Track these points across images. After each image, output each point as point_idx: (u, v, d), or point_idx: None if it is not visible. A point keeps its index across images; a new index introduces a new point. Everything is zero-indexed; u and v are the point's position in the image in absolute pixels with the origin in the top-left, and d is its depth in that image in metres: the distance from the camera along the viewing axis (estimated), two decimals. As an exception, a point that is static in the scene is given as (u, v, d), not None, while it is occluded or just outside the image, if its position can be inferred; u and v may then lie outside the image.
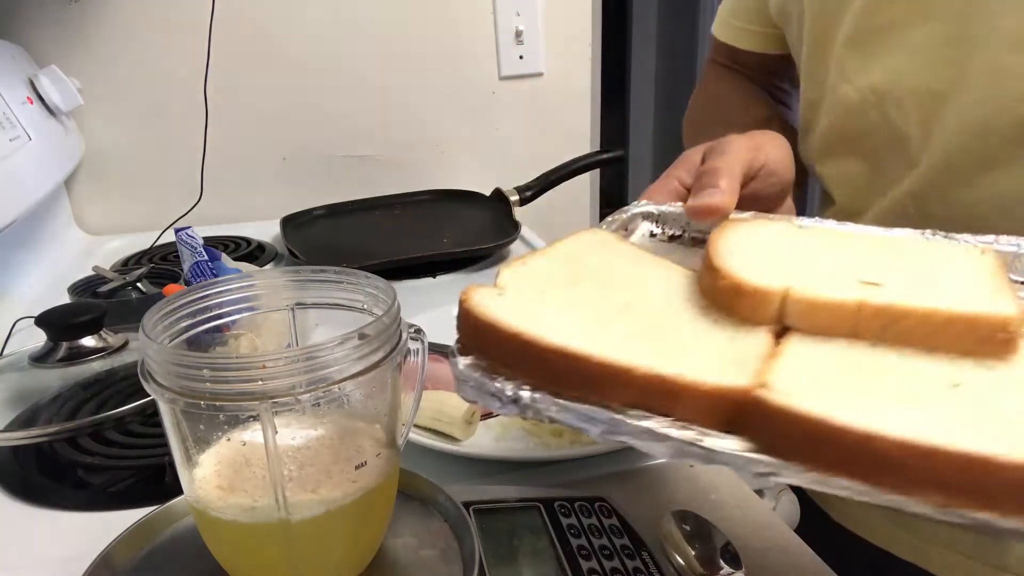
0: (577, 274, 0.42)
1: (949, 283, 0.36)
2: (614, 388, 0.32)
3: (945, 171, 0.53)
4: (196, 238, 0.81)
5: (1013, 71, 0.48)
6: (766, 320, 0.35)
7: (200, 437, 0.37)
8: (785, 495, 0.60)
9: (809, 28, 0.62)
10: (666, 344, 0.35)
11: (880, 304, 0.33)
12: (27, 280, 0.97)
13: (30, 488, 0.55)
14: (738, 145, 0.49)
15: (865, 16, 0.56)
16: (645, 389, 0.31)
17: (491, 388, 0.34)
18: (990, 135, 0.50)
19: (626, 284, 0.41)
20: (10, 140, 0.91)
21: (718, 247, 0.39)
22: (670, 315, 0.38)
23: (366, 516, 0.39)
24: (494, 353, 0.35)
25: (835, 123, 0.62)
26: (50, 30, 1.14)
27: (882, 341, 0.33)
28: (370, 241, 1.09)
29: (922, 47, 0.53)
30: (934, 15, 0.52)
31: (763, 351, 0.33)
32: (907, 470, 0.26)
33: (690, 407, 0.31)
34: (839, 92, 0.59)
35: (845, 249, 0.41)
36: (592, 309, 0.38)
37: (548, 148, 1.33)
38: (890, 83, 0.55)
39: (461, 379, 0.35)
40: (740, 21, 0.73)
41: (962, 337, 0.32)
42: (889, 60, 0.55)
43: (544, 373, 0.33)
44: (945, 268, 0.38)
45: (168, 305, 0.38)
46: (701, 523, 0.46)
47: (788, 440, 0.28)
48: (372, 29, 1.25)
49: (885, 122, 0.56)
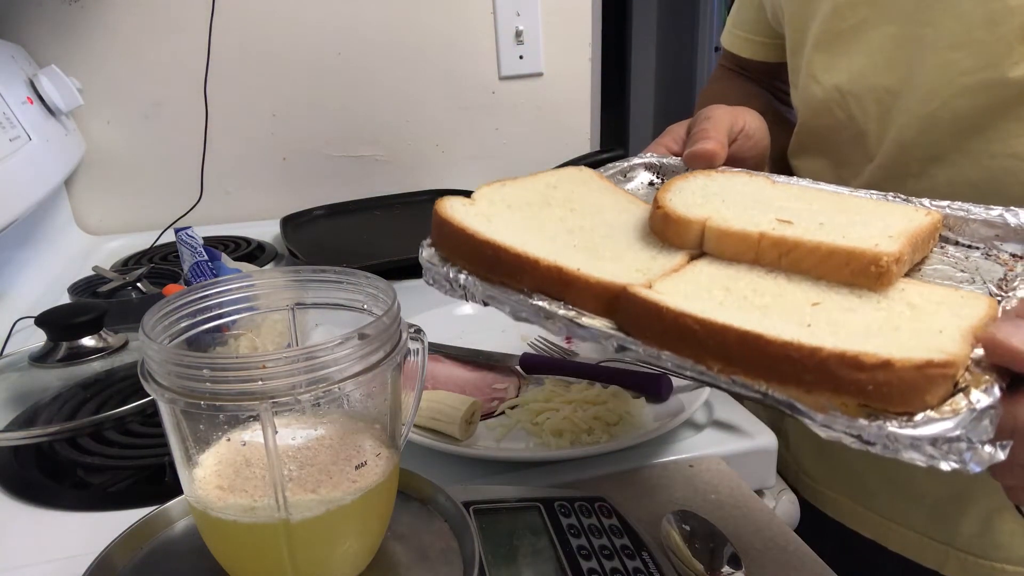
0: (548, 198, 0.48)
1: (854, 228, 0.40)
2: (523, 275, 0.39)
3: (898, 163, 0.57)
4: (196, 238, 0.81)
5: (955, 67, 0.52)
6: (688, 245, 0.42)
7: (200, 437, 0.37)
8: (785, 495, 0.60)
9: (788, 34, 0.67)
10: (596, 254, 0.41)
11: (777, 236, 0.39)
12: (27, 280, 0.97)
13: (30, 488, 0.55)
14: (721, 111, 0.55)
15: (831, 20, 0.60)
16: (546, 277, 0.39)
17: (442, 272, 0.42)
18: (935, 128, 0.54)
19: (588, 210, 0.47)
20: (10, 140, 0.91)
21: (669, 187, 0.46)
22: (613, 235, 0.44)
23: (366, 516, 0.39)
24: (449, 247, 0.43)
25: (805, 121, 0.66)
26: (50, 30, 1.14)
27: (779, 268, 0.39)
28: (370, 241, 1.09)
29: (879, 48, 0.57)
30: (889, 18, 0.56)
31: (671, 266, 0.40)
32: (703, 344, 0.33)
33: (578, 295, 0.38)
34: (809, 92, 0.63)
35: (784, 197, 0.46)
36: (545, 223, 0.45)
37: (548, 148, 1.33)
38: (852, 82, 0.59)
39: (423, 266, 0.43)
40: (742, 31, 0.78)
41: (841, 268, 0.37)
42: (852, 61, 0.59)
43: (480, 263, 0.41)
44: (864, 218, 0.42)
45: (168, 305, 0.38)
46: (701, 523, 0.46)
47: (638, 322, 0.36)
48: (372, 29, 1.25)
49: (848, 119, 0.60)
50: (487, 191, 0.47)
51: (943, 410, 0.29)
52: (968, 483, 0.61)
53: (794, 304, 0.36)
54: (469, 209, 0.44)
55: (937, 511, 0.63)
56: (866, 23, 0.57)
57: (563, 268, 0.38)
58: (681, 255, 0.41)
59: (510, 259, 0.40)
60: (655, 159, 0.55)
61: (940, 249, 0.43)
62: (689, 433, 0.59)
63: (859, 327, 0.34)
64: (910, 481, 0.64)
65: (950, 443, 0.28)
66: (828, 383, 0.30)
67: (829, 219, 0.41)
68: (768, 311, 0.36)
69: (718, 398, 0.62)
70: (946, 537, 0.63)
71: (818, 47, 0.62)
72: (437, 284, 0.43)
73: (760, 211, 0.42)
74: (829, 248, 0.37)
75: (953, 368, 0.29)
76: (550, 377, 0.66)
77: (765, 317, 0.34)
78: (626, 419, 0.59)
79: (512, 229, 0.42)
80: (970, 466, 0.28)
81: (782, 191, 0.47)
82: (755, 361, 0.31)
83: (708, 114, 0.55)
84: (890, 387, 0.29)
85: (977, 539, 0.61)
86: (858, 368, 0.29)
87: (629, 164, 0.55)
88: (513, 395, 0.64)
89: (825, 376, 0.30)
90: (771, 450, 0.58)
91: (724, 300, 0.37)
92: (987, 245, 0.42)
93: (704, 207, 0.43)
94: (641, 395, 0.62)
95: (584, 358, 0.70)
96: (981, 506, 0.60)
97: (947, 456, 0.28)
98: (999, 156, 0.52)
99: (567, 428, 0.58)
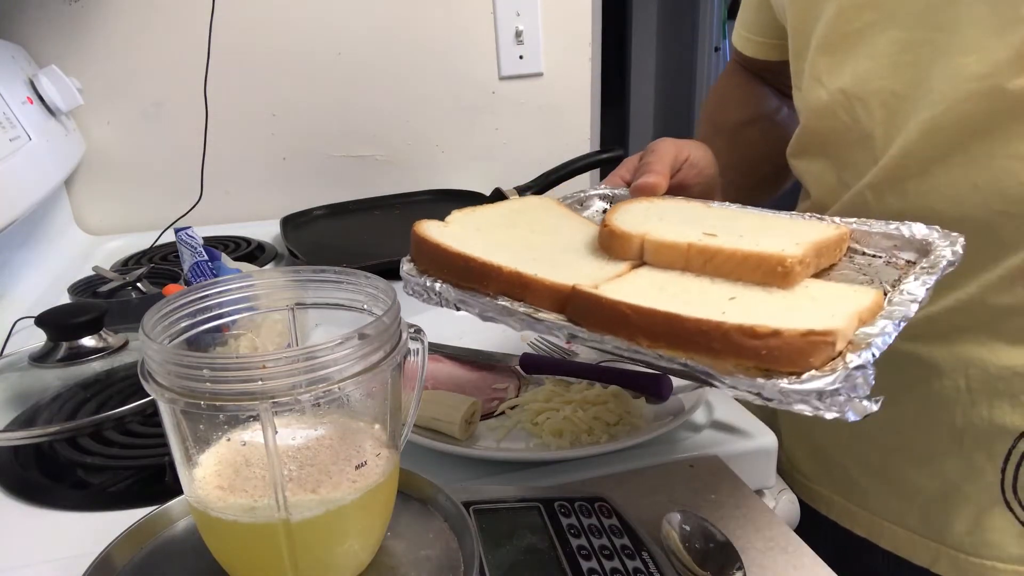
0: (513, 221, 0.55)
1: (768, 239, 0.46)
2: (489, 281, 0.46)
3: (901, 165, 0.57)
4: (196, 238, 0.81)
5: (964, 73, 0.52)
6: (630, 256, 0.48)
7: (200, 437, 0.37)
8: (785, 495, 0.60)
9: (791, 36, 0.67)
10: (552, 264, 0.47)
11: (703, 245, 0.45)
12: (27, 280, 0.97)
13: (30, 488, 0.55)
14: (666, 144, 0.62)
15: (836, 23, 0.60)
16: (508, 282, 0.45)
17: (420, 282, 0.49)
18: (940, 131, 0.54)
19: (547, 230, 0.54)
20: (10, 140, 0.91)
21: (616, 209, 0.53)
22: (568, 250, 0.51)
23: (366, 516, 0.39)
24: (426, 261, 0.49)
25: (808, 124, 0.67)
26: (50, 30, 1.14)
27: (704, 273, 0.45)
28: (370, 241, 1.09)
29: (885, 52, 0.57)
30: (896, 22, 0.56)
31: (616, 273, 0.47)
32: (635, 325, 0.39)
33: (535, 296, 0.44)
34: (812, 95, 0.64)
35: (714, 217, 0.53)
36: (509, 240, 0.52)
37: (548, 148, 1.33)
38: (857, 85, 0.59)
39: (404, 279, 0.50)
40: (749, 32, 0.80)
41: (755, 270, 0.43)
42: (857, 64, 0.59)
43: (453, 272, 0.48)
44: (778, 232, 0.49)
45: (168, 305, 0.38)
46: (701, 523, 0.46)
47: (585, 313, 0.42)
48: (372, 29, 1.25)
49: (853, 122, 0.61)
50: (459, 215, 0.54)
51: (824, 370, 0.35)
52: (959, 482, 0.61)
53: (715, 299, 0.43)
54: (444, 229, 0.51)
55: (928, 509, 0.63)
56: (872, 27, 0.57)
57: (523, 273, 0.45)
58: (625, 265, 0.48)
59: (478, 267, 0.46)
60: (608, 191, 0.63)
61: (848, 259, 0.49)
62: (689, 433, 0.59)
63: (764, 312, 0.40)
64: (902, 480, 0.65)
65: (831, 396, 0.34)
66: (732, 350, 0.36)
67: (748, 232, 0.48)
68: (692, 303, 0.42)
69: (718, 398, 0.62)
70: (937, 535, 0.63)
71: (822, 50, 0.62)
72: (416, 294, 0.49)
73: (691, 227, 0.49)
74: (744, 254, 0.44)
75: (833, 336, 0.35)
76: (550, 377, 0.66)
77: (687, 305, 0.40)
78: (626, 419, 0.59)
79: (481, 244, 0.48)
80: (848, 415, 0.34)
81: (713, 212, 0.54)
82: (675, 336, 0.38)
83: (654, 147, 0.62)
84: (780, 351, 0.35)
85: (968, 537, 0.61)
86: (754, 336, 0.35)
87: (586, 195, 0.63)
88: (513, 395, 0.64)
89: (729, 344, 0.36)
90: (771, 450, 0.58)
91: (657, 297, 0.43)
92: (888, 254, 0.49)
93: (644, 224, 0.49)
94: (641, 395, 0.62)
95: (584, 358, 0.70)
96: (972, 504, 0.60)
97: (829, 407, 0.34)
98: (1000, 157, 0.52)
99: (567, 428, 0.58)
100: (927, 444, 0.63)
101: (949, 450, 0.61)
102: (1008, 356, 0.57)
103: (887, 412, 0.65)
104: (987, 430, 0.58)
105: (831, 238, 0.47)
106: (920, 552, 0.64)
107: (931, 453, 0.62)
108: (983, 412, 0.58)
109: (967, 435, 0.60)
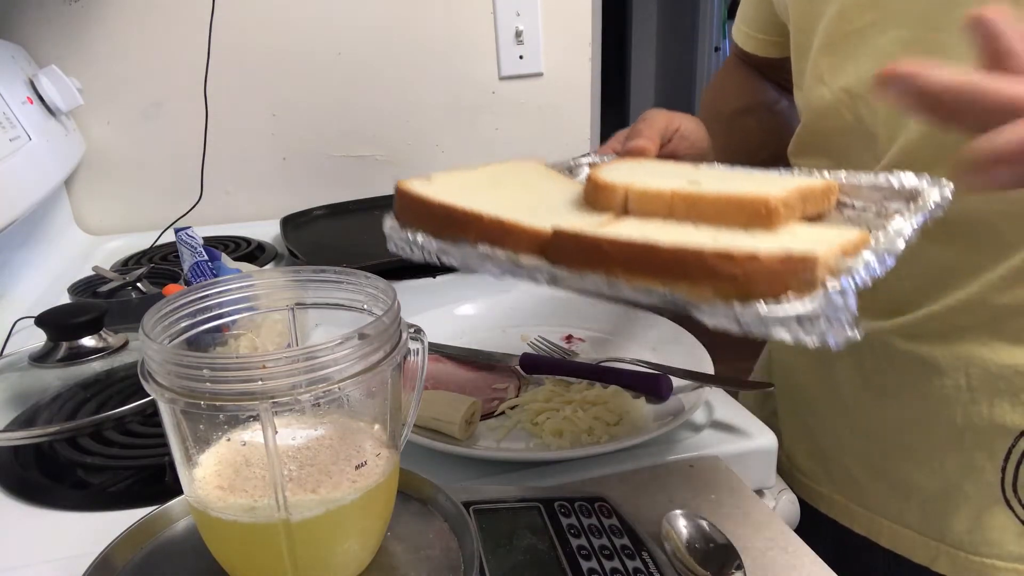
0: (499, 181, 0.54)
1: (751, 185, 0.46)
2: (469, 228, 0.44)
3: (902, 164, 0.57)
4: (196, 238, 0.81)
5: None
6: (614, 207, 0.47)
7: (200, 437, 0.37)
8: (785, 495, 0.60)
9: (793, 34, 0.67)
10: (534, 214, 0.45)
11: (685, 192, 0.45)
12: (27, 280, 0.97)
13: (30, 488, 0.55)
14: (658, 113, 0.63)
15: (838, 23, 0.60)
16: (488, 229, 0.44)
17: (402, 236, 0.47)
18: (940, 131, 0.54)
19: (532, 188, 0.54)
20: (10, 140, 0.91)
21: (602, 166, 0.53)
22: (552, 205, 0.50)
23: (366, 516, 0.39)
24: (408, 215, 0.48)
25: (810, 123, 0.67)
26: (50, 30, 1.14)
27: (689, 219, 0.44)
28: (370, 241, 1.09)
29: (887, 51, 0.57)
30: (898, 22, 0.56)
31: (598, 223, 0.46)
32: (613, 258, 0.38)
33: (516, 241, 0.43)
34: (815, 94, 0.64)
35: (699, 172, 0.52)
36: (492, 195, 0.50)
37: (548, 148, 1.33)
38: (860, 85, 0.59)
39: (387, 235, 0.48)
40: (748, 28, 0.79)
41: (738, 214, 0.42)
42: (860, 64, 0.59)
43: (433, 222, 0.46)
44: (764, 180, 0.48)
45: (168, 305, 0.38)
46: (701, 523, 0.46)
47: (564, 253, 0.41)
48: (372, 29, 1.25)
49: (856, 121, 0.61)
50: (443, 175, 0.53)
51: (804, 295, 0.34)
52: (960, 481, 0.61)
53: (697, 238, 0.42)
54: (427, 185, 0.50)
55: (928, 508, 0.63)
56: (873, 26, 0.58)
57: (503, 220, 0.44)
58: (608, 215, 0.47)
59: (458, 216, 0.45)
60: (597, 158, 0.62)
61: (838, 211, 0.49)
62: (689, 433, 0.59)
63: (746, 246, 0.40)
64: (902, 478, 0.65)
65: (812, 321, 0.33)
66: (709, 276, 0.35)
67: (725, 181, 0.48)
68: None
69: (718, 398, 0.62)
70: (937, 533, 0.63)
71: (824, 49, 0.62)
72: (399, 248, 0.48)
73: (676, 179, 0.48)
74: (727, 198, 0.43)
75: (812, 262, 0.34)
76: (550, 377, 0.66)
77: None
78: (626, 419, 0.59)
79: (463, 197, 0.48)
80: (829, 341, 0.33)
81: (699, 169, 0.54)
82: (653, 266, 0.37)
83: (645, 116, 0.62)
84: (758, 276, 0.34)
85: (968, 535, 0.61)
86: (730, 260, 0.35)
87: (576, 163, 0.62)
88: (513, 395, 0.64)
89: (706, 270, 0.35)
90: (771, 450, 0.58)
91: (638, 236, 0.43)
92: (878, 205, 0.48)
93: (629, 178, 0.49)
94: (641, 395, 0.62)
95: (584, 358, 0.70)
96: (972, 503, 0.60)
97: (809, 333, 0.33)
98: None
99: (567, 428, 0.58)
100: (927, 443, 0.63)
101: (949, 449, 0.61)
102: (1009, 355, 0.57)
103: (887, 411, 0.65)
104: (987, 429, 0.58)
105: (817, 185, 0.47)
106: (920, 551, 0.64)
107: (931, 452, 0.62)
108: (983, 411, 0.58)
109: (967, 434, 0.60)
